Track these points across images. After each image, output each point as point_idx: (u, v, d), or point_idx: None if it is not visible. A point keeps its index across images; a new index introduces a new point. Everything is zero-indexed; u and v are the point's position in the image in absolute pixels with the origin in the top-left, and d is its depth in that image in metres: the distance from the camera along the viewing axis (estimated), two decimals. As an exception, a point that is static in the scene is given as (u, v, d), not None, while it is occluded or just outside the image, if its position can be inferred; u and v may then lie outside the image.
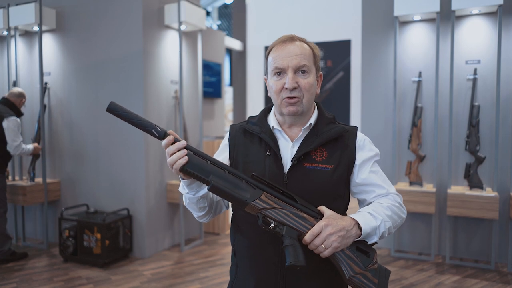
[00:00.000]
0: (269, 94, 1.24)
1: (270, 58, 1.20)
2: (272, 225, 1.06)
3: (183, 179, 1.11)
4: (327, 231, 1.03)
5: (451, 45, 3.64)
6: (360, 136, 1.23)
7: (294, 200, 1.09)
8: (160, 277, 3.46)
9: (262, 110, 1.29)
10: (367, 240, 1.10)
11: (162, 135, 1.02)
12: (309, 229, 1.05)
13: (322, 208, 1.10)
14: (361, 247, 1.07)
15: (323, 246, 1.03)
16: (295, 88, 1.14)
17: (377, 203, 1.18)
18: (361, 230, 1.08)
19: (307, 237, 1.04)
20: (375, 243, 1.12)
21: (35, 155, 4.13)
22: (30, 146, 3.89)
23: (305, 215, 1.07)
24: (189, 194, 1.15)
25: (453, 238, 3.88)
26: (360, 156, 1.20)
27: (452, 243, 3.87)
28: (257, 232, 1.16)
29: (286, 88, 1.14)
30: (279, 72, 1.16)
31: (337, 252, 1.04)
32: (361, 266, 1.04)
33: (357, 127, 1.24)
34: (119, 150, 3.99)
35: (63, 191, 4.36)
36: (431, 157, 3.90)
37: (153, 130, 1.01)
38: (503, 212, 3.63)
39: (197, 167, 1.03)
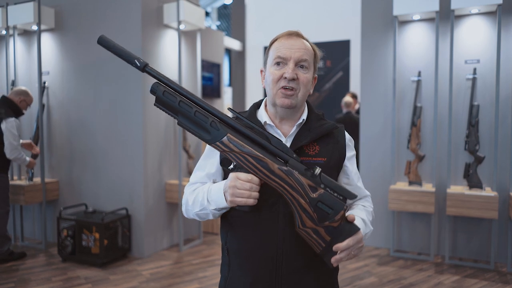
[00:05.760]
0: (263, 85, 1.25)
1: (272, 48, 1.20)
2: (232, 166, 1.10)
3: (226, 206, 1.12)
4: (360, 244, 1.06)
5: (450, 44, 3.64)
6: (347, 134, 1.27)
7: (269, 142, 1.07)
8: (158, 277, 3.45)
9: (252, 105, 1.29)
10: None
11: (142, 67, 1.05)
12: (265, 174, 1.03)
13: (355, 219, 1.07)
14: (326, 203, 1.03)
15: (352, 253, 1.04)
16: (293, 79, 1.15)
17: (362, 207, 1.24)
18: None
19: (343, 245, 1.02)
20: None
21: (34, 154, 4.12)
22: (27, 158, 3.83)
23: (268, 160, 1.03)
24: (215, 210, 1.16)
25: (452, 238, 3.87)
26: (348, 154, 1.25)
27: (452, 243, 3.87)
28: (253, 229, 1.15)
29: (285, 78, 1.14)
30: (280, 62, 1.16)
31: (293, 202, 1.03)
32: (315, 222, 1.03)
33: (343, 125, 1.28)
34: (118, 149, 3.98)
35: (61, 190, 4.35)
36: (430, 157, 3.90)
37: (135, 61, 1.06)
38: (503, 211, 3.63)
39: (167, 105, 1.07)
